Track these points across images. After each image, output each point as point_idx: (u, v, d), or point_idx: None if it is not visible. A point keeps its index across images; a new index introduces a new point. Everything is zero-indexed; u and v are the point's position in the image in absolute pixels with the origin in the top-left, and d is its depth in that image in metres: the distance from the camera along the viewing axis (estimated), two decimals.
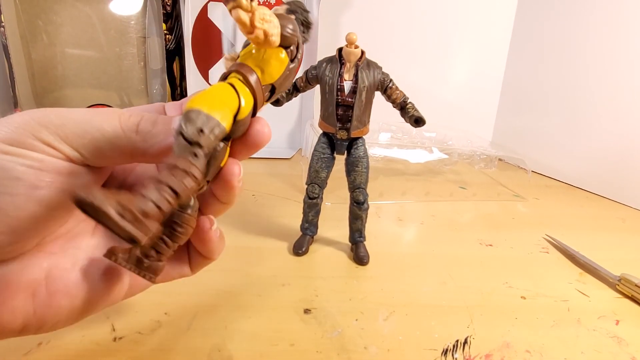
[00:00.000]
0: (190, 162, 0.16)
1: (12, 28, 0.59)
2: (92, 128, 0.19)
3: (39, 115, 0.18)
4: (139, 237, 0.14)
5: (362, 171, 0.39)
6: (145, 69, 0.71)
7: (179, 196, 0.15)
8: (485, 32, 0.86)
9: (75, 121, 0.18)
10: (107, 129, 0.19)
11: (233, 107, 0.18)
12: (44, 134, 0.18)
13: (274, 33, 0.17)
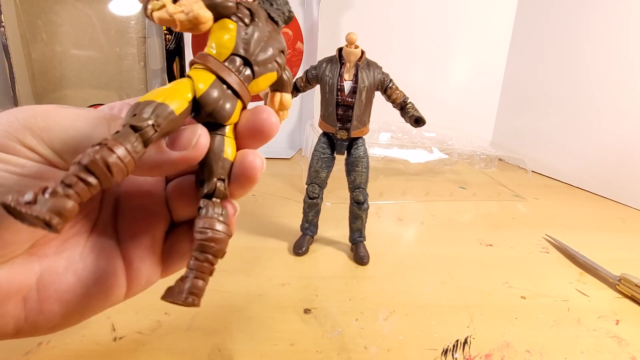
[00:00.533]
0: (112, 138, 0.14)
1: (12, 28, 0.59)
2: (78, 134, 0.17)
3: (24, 115, 0.17)
4: (49, 221, 0.13)
5: (362, 171, 0.39)
6: (145, 69, 0.71)
7: (94, 170, 0.14)
8: (485, 32, 0.86)
9: (61, 125, 0.17)
10: (94, 137, 0.17)
11: (182, 87, 0.17)
12: (28, 137, 0.17)
13: (193, 8, 0.17)
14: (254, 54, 0.19)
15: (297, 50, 0.73)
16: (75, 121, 0.18)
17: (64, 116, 0.18)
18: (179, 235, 0.22)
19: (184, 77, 0.18)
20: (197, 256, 0.18)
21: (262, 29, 0.19)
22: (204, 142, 0.17)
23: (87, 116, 0.18)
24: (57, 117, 0.18)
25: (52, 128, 0.17)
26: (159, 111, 0.16)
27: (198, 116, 0.18)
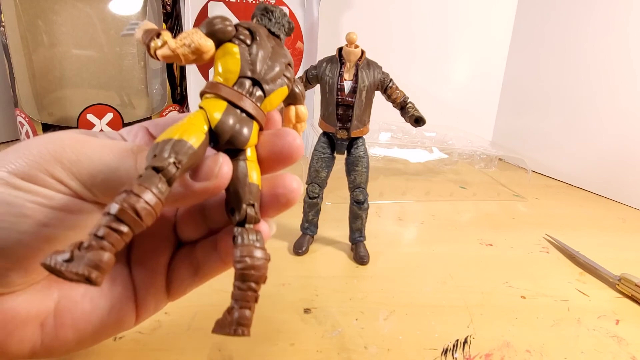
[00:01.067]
0: (138, 184, 0.15)
1: (12, 28, 0.59)
2: (106, 168, 0.18)
3: (55, 147, 0.17)
4: (89, 276, 0.13)
5: (362, 171, 0.39)
6: (145, 69, 0.71)
7: (124, 219, 0.14)
8: (486, 32, 0.86)
9: (90, 158, 0.18)
10: (122, 170, 0.18)
11: (197, 119, 0.17)
12: (57, 169, 0.17)
13: (194, 39, 0.17)
14: (262, 72, 0.19)
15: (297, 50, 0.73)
16: (103, 154, 0.18)
17: (93, 149, 0.18)
18: (179, 261, 0.23)
19: (197, 109, 0.18)
20: (240, 286, 0.18)
21: (265, 46, 0.19)
22: (226, 171, 0.17)
23: (115, 149, 0.18)
24: (86, 149, 0.18)
25: (81, 161, 0.17)
26: (178, 148, 0.16)
27: (217, 145, 0.18)
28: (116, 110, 0.65)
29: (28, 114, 0.61)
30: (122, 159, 0.18)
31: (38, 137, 0.18)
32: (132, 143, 0.19)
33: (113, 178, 0.18)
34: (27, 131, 0.62)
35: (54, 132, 0.19)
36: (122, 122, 0.65)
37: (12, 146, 0.18)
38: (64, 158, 0.17)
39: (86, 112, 0.63)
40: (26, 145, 0.18)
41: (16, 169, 0.17)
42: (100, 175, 0.18)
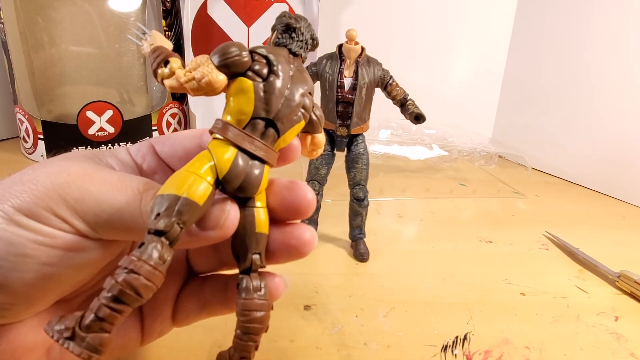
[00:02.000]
0: (136, 258, 0.14)
1: (11, 25, 0.59)
2: (110, 208, 0.17)
3: (60, 182, 0.17)
4: (86, 357, 0.14)
5: (362, 168, 0.39)
6: (145, 66, 0.71)
7: (120, 301, 0.14)
8: (486, 30, 0.85)
9: (95, 197, 0.17)
10: (126, 212, 0.17)
11: (205, 171, 0.16)
12: (62, 208, 0.17)
13: (205, 72, 0.16)
14: (276, 111, 0.17)
15: None
16: (109, 193, 0.17)
17: (98, 187, 0.17)
18: (188, 293, 0.23)
19: (207, 151, 0.17)
20: (241, 337, 0.18)
21: (283, 76, 0.17)
22: (232, 221, 0.17)
23: (121, 188, 0.18)
24: (91, 187, 0.17)
25: (86, 200, 0.17)
26: (182, 207, 0.15)
27: (225, 191, 0.17)
28: (116, 107, 0.65)
29: (27, 111, 0.61)
30: (127, 200, 0.17)
31: (46, 164, 0.18)
32: (139, 181, 0.18)
33: (117, 218, 0.17)
34: (27, 128, 0.62)
35: (63, 158, 0.19)
36: (122, 119, 0.65)
37: (20, 174, 0.18)
38: (69, 196, 0.17)
39: (86, 109, 0.62)
40: (33, 177, 0.17)
41: (20, 204, 0.16)
42: (104, 215, 0.17)
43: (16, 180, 0.17)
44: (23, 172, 0.18)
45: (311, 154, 0.21)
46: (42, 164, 0.18)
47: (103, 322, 0.14)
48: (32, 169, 0.18)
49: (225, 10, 0.68)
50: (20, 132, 0.64)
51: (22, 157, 0.65)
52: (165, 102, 0.71)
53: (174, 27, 0.69)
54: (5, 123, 0.73)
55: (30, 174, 0.17)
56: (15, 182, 0.17)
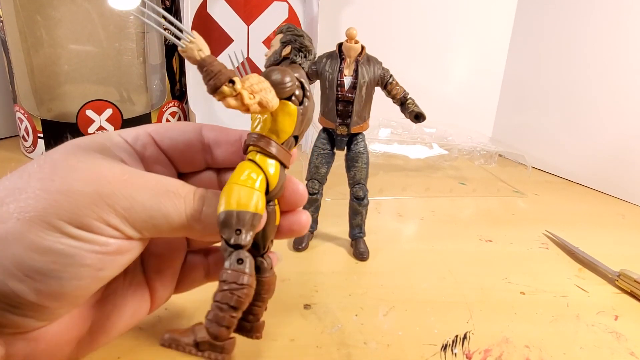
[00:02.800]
0: (239, 271, 0.18)
1: (10, 24, 0.59)
2: (157, 213, 0.19)
3: (107, 192, 0.18)
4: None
5: (362, 167, 0.39)
6: (144, 65, 0.71)
7: (239, 308, 0.18)
8: (486, 29, 0.85)
9: (142, 205, 0.18)
10: (173, 216, 0.19)
11: (261, 185, 0.19)
12: (111, 216, 0.18)
13: (268, 99, 0.18)
14: (304, 129, 0.21)
15: None
16: (155, 200, 0.19)
17: (143, 194, 0.19)
18: (193, 263, 0.25)
19: (250, 158, 0.20)
20: (259, 305, 0.22)
21: (311, 100, 0.21)
22: (264, 222, 0.20)
23: (164, 193, 0.19)
24: (138, 195, 0.18)
25: (135, 208, 0.18)
26: (256, 222, 0.18)
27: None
28: (115, 106, 0.65)
29: (27, 109, 0.61)
30: (173, 205, 0.19)
31: (76, 167, 0.18)
32: (177, 185, 0.20)
33: (164, 223, 0.19)
34: (27, 127, 0.62)
35: (76, 152, 0.19)
36: (122, 117, 0.65)
37: (50, 179, 0.18)
38: (118, 205, 0.18)
39: (85, 108, 0.62)
40: (71, 186, 0.17)
41: (71, 217, 0.17)
42: (151, 220, 0.19)
43: (52, 190, 0.17)
44: (55, 180, 0.18)
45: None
46: (72, 168, 0.18)
47: (229, 329, 0.18)
48: (65, 173, 0.18)
49: (225, 8, 0.68)
50: (19, 130, 0.64)
51: (22, 155, 0.65)
52: (165, 101, 0.71)
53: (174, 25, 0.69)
54: (4, 122, 0.73)
55: (63, 182, 0.18)
56: (51, 192, 0.17)
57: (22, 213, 0.17)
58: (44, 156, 0.19)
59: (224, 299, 0.17)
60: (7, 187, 0.18)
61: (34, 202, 0.17)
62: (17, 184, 0.18)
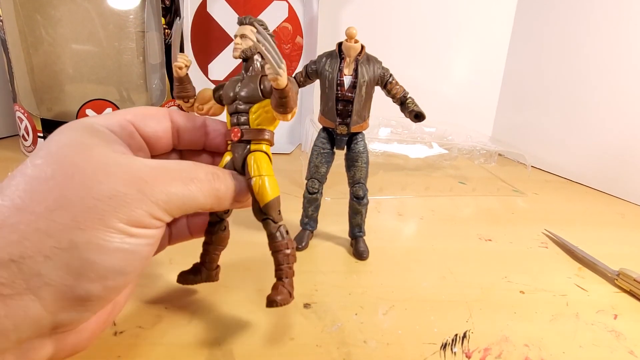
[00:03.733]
0: (289, 239, 0.25)
1: (10, 23, 0.59)
2: (188, 199, 0.22)
3: (147, 190, 0.20)
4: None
5: (361, 166, 0.39)
6: (144, 64, 0.71)
7: (293, 262, 0.25)
8: (486, 28, 0.85)
9: (176, 195, 0.21)
10: (200, 199, 0.22)
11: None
12: (156, 210, 0.20)
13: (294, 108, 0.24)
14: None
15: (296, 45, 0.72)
16: (187, 189, 0.22)
17: (177, 185, 0.21)
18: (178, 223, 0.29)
19: (265, 152, 0.25)
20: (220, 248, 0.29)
21: None
22: None
23: (195, 181, 0.22)
24: (172, 188, 0.21)
25: (172, 200, 0.21)
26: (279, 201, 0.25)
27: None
28: (115, 105, 0.65)
29: (27, 109, 0.61)
30: (200, 191, 0.22)
31: (110, 171, 0.20)
32: (204, 171, 0.23)
33: (193, 205, 0.22)
34: (26, 126, 0.62)
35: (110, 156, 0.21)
36: None
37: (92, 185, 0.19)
38: (159, 200, 0.20)
39: (85, 107, 0.62)
40: (117, 189, 0.19)
41: (128, 219, 0.19)
42: (185, 207, 0.22)
43: (112, 195, 0.19)
44: (103, 186, 0.19)
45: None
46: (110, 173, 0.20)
47: (290, 279, 0.25)
48: (109, 177, 0.19)
49: (225, 8, 0.68)
50: (19, 130, 0.64)
51: (22, 155, 0.65)
52: (164, 100, 0.71)
53: (173, 25, 0.69)
54: (4, 121, 0.73)
55: (109, 187, 0.19)
56: (99, 199, 0.19)
57: (84, 222, 0.18)
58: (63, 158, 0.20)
59: (291, 260, 0.25)
60: (55, 197, 0.18)
61: (90, 211, 0.18)
62: (62, 192, 0.18)
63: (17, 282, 0.17)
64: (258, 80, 0.25)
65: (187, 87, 0.26)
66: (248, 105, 0.25)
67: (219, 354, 0.26)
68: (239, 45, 0.25)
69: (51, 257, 0.17)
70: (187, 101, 0.26)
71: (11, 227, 0.17)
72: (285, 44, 0.71)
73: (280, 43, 0.71)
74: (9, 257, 0.16)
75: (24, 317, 0.17)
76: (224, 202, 0.24)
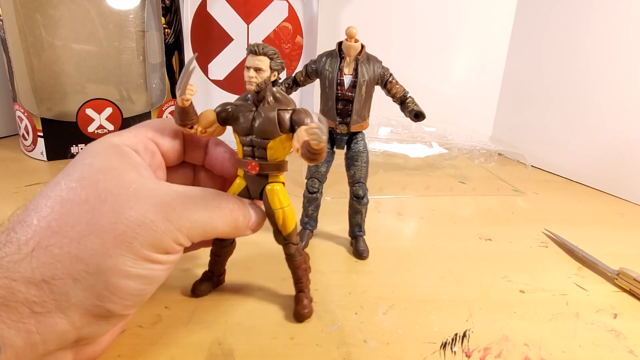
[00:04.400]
0: (306, 255, 0.30)
1: (10, 23, 0.59)
2: (210, 227, 0.23)
3: (173, 217, 0.21)
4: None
5: (361, 166, 0.39)
6: (144, 63, 0.71)
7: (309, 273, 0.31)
8: (486, 27, 0.85)
9: (200, 223, 0.22)
10: (220, 227, 0.24)
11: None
12: (179, 236, 0.21)
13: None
14: None
15: (296, 45, 0.72)
16: (209, 217, 0.23)
17: (200, 213, 0.22)
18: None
19: (282, 181, 0.29)
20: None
21: None
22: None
23: (212, 208, 0.23)
24: (195, 213, 0.22)
25: (194, 227, 0.22)
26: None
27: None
28: (115, 105, 0.65)
29: (27, 108, 0.61)
30: (222, 220, 0.24)
31: (139, 196, 0.21)
32: (227, 201, 0.25)
33: (214, 232, 0.24)
34: (26, 126, 0.62)
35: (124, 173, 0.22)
36: (122, 116, 0.65)
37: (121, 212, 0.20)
38: (182, 227, 0.21)
39: (85, 107, 0.62)
40: (145, 216, 0.20)
41: (153, 245, 0.20)
42: (205, 233, 0.23)
43: (140, 218, 0.20)
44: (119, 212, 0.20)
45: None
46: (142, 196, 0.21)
47: (308, 287, 0.30)
48: (126, 205, 0.20)
49: (225, 7, 0.68)
50: (19, 129, 0.64)
51: (22, 154, 0.65)
52: (164, 100, 0.71)
53: (173, 25, 0.69)
54: (4, 121, 0.73)
55: (136, 213, 0.20)
56: (128, 225, 0.20)
57: (112, 248, 0.19)
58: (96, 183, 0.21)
59: (308, 271, 0.30)
60: (88, 221, 0.19)
61: (119, 237, 0.19)
62: (95, 216, 0.20)
63: (48, 302, 0.18)
64: (276, 117, 0.25)
65: (191, 116, 0.25)
66: (266, 140, 0.26)
67: (219, 354, 0.26)
68: (254, 79, 0.25)
69: (79, 280, 0.18)
70: (191, 127, 0.26)
71: (46, 250, 0.18)
72: (285, 44, 0.71)
73: (280, 43, 0.71)
74: (42, 278, 0.18)
75: (51, 333, 0.18)
76: (241, 231, 0.26)
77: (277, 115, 0.25)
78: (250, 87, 0.25)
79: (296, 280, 0.30)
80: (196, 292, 0.31)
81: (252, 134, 0.26)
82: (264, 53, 0.25)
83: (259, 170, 0.26)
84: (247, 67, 0.25)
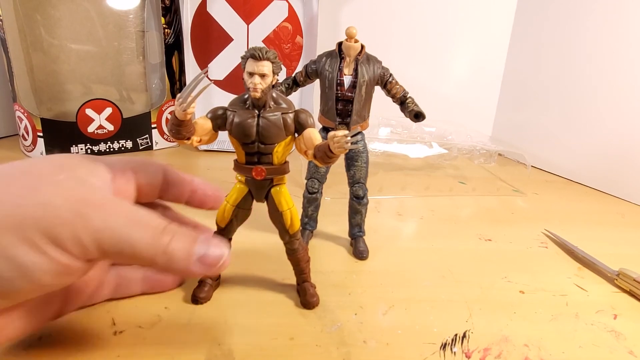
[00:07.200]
0: (306, 249, 0.31)
1: (10, 22, 0.59)
2: (125, 240, 0.19)
3: (84, 211, 0.18)
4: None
5: (361, 166, 0.39)
6: (144, 64, 0.71)
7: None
8: (486, 27, 0.85)
9: (114, 231, 0.19)
10: (139, 244, 0.19)
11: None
12: (85, 237, 0.18)
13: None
14: None
15: (296, 45, 0.72)
16: (127, 225, 0.19)
17: (117, 219, 0.19)
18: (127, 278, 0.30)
19: (285, 187, 0.30)
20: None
21: None
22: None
23: (138, 220, 0.20)
24: (111, 219, 0.19)
25: (105, 232, 0.19)
26: None
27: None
28: (115, 105, 0.65)
29: (27, 108, 0.61)
30: (141, 236, 0.19)
31: (61, 183, 0.19)
32: (155, 221, 0.21)
33: (129, 249, 0.19)
34: (26, 126, 0.62)
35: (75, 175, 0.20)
36: (121, 116, 0.65)
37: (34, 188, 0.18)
38: (92, 226, 0.18)
39: (85, 107, 0.62)
40: (52, 200, 0.18)
41: (46, 230, 0.17)
42: (118, 245, 0.19)
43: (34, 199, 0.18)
44: (31, 189, 0.18)
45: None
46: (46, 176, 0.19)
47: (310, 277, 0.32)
48: (42, 183, 0.18)
49: (225, 7, 0.68)
50: (19, 129, 0.64)
51: (22, 154, 0.65)
52: (164, 100, 0.71)
53: (173, 25, 0.69)
54: (4, 121, 0.73)
55: (45, 194, 0.18)
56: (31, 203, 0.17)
57: (3, 223, 0.17)
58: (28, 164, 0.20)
59: (309, 262, 0.31)
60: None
61: (10, 208, 0.17)
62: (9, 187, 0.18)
63: None
64: (281, 121, 0.25)
65: (189, 128, 0.24)
66: (272, 145, 0.26)
67: (219, 354, 0.26)
68: (260, 85, 0.24)
69: None
70: (188, 139, 0.25)
71: None
72: (285, 44, 0.71)
73: (280, 43, 0.71)
74: None
75: None
76: (172, 263, 0.20)
77: (282, 119, 0.25)
78: (255, 94, 0.24)
79: (300, 272, 0.31)
80: (198, 300, 0.30)
81: (257, 140, 0.26)
82: (266, 58, 0.24)
83: (265, 176, 0.26)
84: (250, 72, 0.24)
